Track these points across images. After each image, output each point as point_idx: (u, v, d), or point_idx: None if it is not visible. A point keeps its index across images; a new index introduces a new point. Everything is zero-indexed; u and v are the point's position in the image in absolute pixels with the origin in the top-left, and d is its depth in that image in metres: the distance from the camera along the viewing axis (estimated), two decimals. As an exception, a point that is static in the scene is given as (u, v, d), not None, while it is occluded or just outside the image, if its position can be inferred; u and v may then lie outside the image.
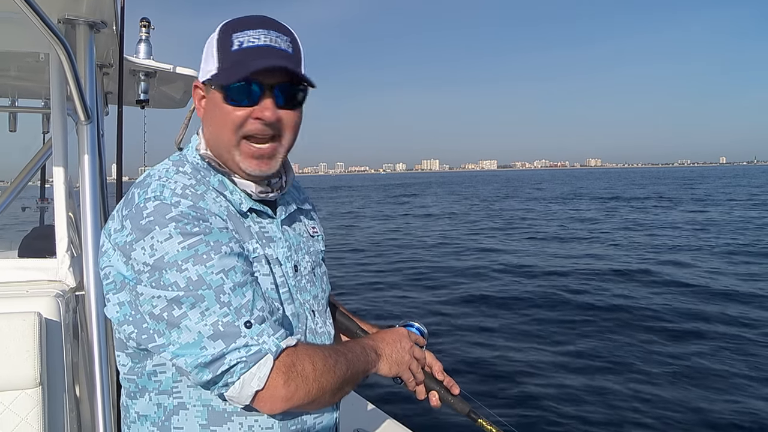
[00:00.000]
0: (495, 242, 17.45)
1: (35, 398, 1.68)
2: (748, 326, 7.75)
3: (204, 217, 1.05)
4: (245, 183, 1.19)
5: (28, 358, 1.67)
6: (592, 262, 12.99)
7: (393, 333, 1.31)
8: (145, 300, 1.02)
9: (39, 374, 1.68)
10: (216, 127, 1.17)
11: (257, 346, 1.01)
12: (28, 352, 1.67)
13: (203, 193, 1.11)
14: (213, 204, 1.11)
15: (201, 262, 1.00)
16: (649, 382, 5.99)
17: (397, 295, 10.54)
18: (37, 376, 1.68)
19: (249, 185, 1.19)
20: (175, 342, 1.00)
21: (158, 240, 1.00)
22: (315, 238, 1.39)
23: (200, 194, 1.10)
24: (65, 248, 2.08)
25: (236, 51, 1.11)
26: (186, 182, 1.11)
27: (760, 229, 19.20)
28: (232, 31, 1.13)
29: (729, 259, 13.30)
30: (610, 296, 9.87)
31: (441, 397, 1.35)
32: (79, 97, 1.94)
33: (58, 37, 1.65)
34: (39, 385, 1.69)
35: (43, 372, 1.70)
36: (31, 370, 1.67)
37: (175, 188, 1.08)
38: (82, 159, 2.06)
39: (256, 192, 1.19)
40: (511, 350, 7.02)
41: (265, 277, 1.14)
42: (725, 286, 10.19)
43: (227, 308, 1.00)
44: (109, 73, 2.92)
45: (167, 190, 1.07)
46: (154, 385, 1.12)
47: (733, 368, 6.20)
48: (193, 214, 1.04)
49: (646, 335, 7.49)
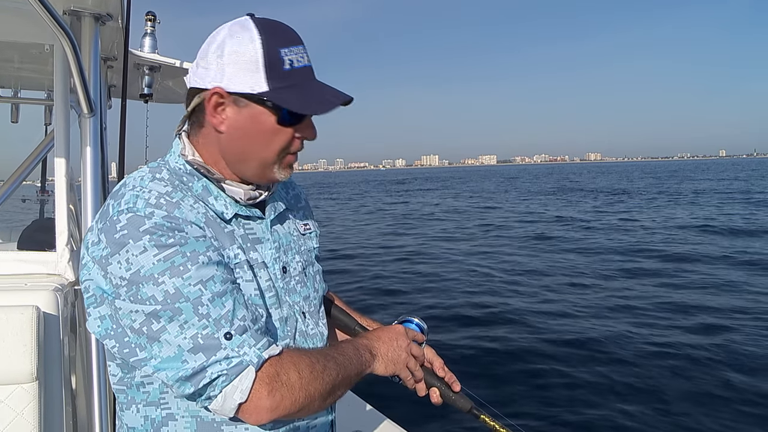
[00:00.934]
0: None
1: (32, 393, 1.67)
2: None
3: (179, 227, 1.02)
4: (234, 189, 1.17)
5: (25, 352, 1.65)
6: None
7: (389, 331, 1.29)
8: (125, 314, 1.00)
9: (36, 369, 1.67)
10: (251, 143, 1.13)
11: (238, 357, 0.99)
12: (25, 346, 1.65)
13: (179, 201, 1.07)
14: (189, 212, 1.07)
15: (177, 274, 0.98)
16: (647, 376, 5.97)
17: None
18: (34, 370, 1.66)
19: (238, 192, 1.17)
20: (157, 356, 0.99)
21: (133, 253, 0.98)
22: (307, 235, 1.36)
23: (175, 202, 1.06)
24: (65, 242, 2.06)
25: (289, 72, 1.10)
26: (161, 190, 1.07)
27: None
28: (276, 45, 1.10)
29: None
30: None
31: (442, 393, 1.33)
32: (83, 89, 1.92)
33: (64, 28, 1.64)
34: (35, 380, 1.68)
35: (40, 367, 1.68)
36: (28, 365, 1.65)
37: (149, 198, 1.04)
38: (84, 152, 2.05)
39: (244, 198, 1.17)
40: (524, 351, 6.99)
41: (247, 283, 1.12)
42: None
43: (206, 320, 0.99)
44: (113, 66, 2.91)
45: (141, 200, 1.04)
46: (142, 396, 1.10)
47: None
48: (168, 224, 1.01)
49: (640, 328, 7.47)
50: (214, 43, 1.12)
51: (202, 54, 1.14)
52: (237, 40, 1.09)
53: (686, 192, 37.23)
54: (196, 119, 1.18)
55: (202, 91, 1.13)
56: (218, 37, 1.12)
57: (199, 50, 1.17)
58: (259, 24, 1.11)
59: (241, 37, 1.09)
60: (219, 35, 1.12)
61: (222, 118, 1.12)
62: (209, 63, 1.11)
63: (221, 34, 1.12)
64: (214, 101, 1.11)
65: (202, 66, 1.13)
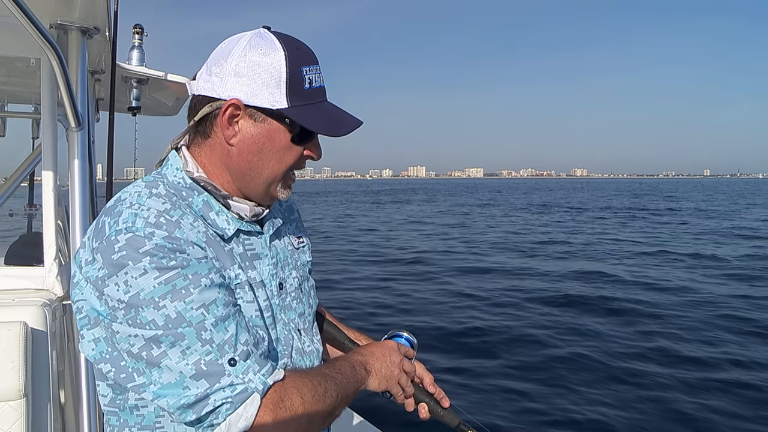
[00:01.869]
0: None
1: (19, 410, 1.65)
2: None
3: (181, 248, 0.98)
4: (240, 206, 1.14)
5: (12, 368, 1.63)
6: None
7: (382, 347, 1.28)
8: (122, 338, 0.96)
9: (24, 386, 1.65)
10: (262, 158, 1.11)
11: (243, 384, 0.96)
12: (12, 362, 1.63)
13: (179, 219, 1.03)
14: (190, 231, 1.03)
15: (179, 298, 0.95)
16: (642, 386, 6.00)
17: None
18: (22, 387, 1.64)
19: (244, 208, 1.14)
20: (156, 382, 0.95)
21: (132, 276, 0.94)
22: (301, 249, 1.34)
23: (176, 221, 1.02)
24: (53, 256, 2.04)
25: (308, 91, 1.09)
26: (160, 207, 1.02)
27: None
28: (299, 63, 1.08)
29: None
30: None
31: (430, 409, 1.33)
32: (70, 103, 1.91)
33: (50, 42, 1.63)
34: (23, 397, 1.66)
35: (27, 383, 1.66)
36: (16, 382, 1.63)
37: (149, 216, 1.00)
38: (72, 166, 2.04)
39: (249, 215, 1.15)
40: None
41: (248, 304, 1.09)
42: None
43: (209, 346, 0.95)
44: (101, 79, 2.90)
45: (140, 219, 0.99)
46: (136, 420, 1.06)
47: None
48: (169, 246, 0.97)
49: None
50: (234, 52, 1.08)
51: (216, 61, 1.10)
52: (260, 52, 1.07)
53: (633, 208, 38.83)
54: (202, 130, 1.13)
55: (213, 100, 1.09)
56: (238, 46, 1.08)
57: (211, 57, 1.12)
58: (281, 39, 1.09)
59: (265, 49, 1.07)
60: (239, 44, 1.08)
61: (235, 130, 1.09)
62: (225, 72, 1.07)
63: (241, 44, 1.08)
64: (230, 113, 1.07)
65: (216, 74, 1.09)
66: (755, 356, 6.97)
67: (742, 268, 13.55)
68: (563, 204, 45.53)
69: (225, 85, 1.07)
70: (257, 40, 1.08)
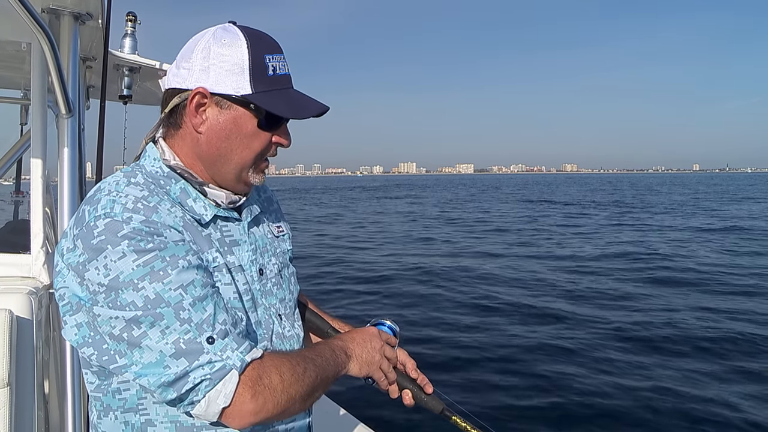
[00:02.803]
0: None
1: (3, 399, 1.63)
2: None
3: (158, 231, 1.01)
4: (216, 193, 1.17)
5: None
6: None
7: (363, 332, 1.30)
8: (103, 321, 0.98)
9: (8, 374, 1.63)
10: (230, 145, 1.14)
11: (221, 362, 0.99)
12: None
13: (156, 205, 1.06)
14: (167, 216, 1.06)
15: (158, 279, 0.97)
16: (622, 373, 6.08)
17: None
18: (6, 376, 1.62)
19: (220, 195, 1.17)
20: (137, 362, 0.98)
21: (111, 259, 0.97)
22: (281, 237, 1.36)
23: (153, 206, 1.05)
24: (40, 244, 2.02)
25: (272, 78, 1.13)
26: (137, 194, 1.06)
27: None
28: (262, 51, 1.12)
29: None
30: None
31: (414, 395, 1.34)
32: (61, 89, 1.89)
33: (42, 26, 1.61)
34: (7, 386, 1.64)
35: (12, 372, 1.64)
36: (0, 370, 1.61)
37: (126, 203, 1.03)
38: (61, 153, 2.02)
39: (226, 202, 1.18)
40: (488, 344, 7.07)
41: (226, 286, 1.12)
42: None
43: (188, 325, 0.98)
44: (92, 66, 2.87)
45: (118, 205, 1.02)
46: (119, 403, 1.09)
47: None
48: (147, 229, 1.00)
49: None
50: (198, 45, 1.13)
51: (183, 56, 1.15)
52: (223, 43, 1.11)
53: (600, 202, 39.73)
54: (173, 121, 1.17)
55: (182, 91, 1.13)
56: (203, 39, 1.13)
57: (180, 52, 1.17)
58: (244, 30, 1.13)
59: (228, 40, 1.11)
60: (204, 38, 1.13)
61: (203, 118, 1.13)
62: (192, 64, 1.12)
63: (206, 37, 1.13)
64: (196, 101, 1.11)
65: (183, 67, 1.13)
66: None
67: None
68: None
69: (191, 76, 1.12)
70: (221, 33, 1.12)
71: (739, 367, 6.34)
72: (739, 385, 5.84)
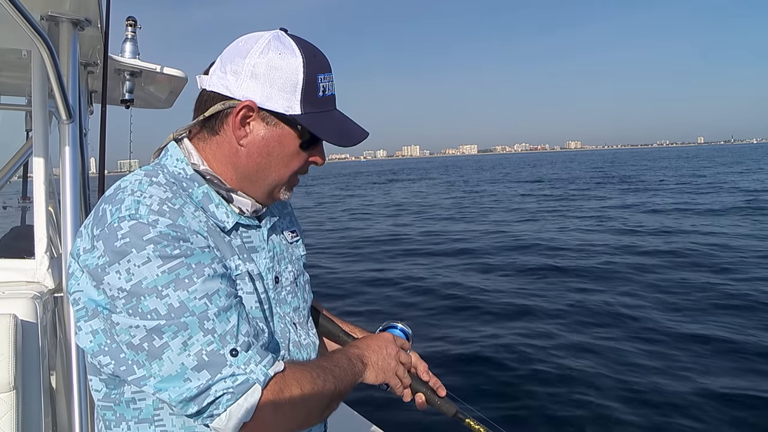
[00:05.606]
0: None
1: (9, 403, 1.65)
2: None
3: (184, 236, 0.98)
4: (243, 201, 1.15)
5: (2, 361, 1.63)
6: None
7: (378, 339, 1.28)
8: (122, 329, 0.94)
9: (13, 378, 1.65)
10: (271, 162, 1.12)
11: (244, 375, 0.96)
12: (2, 355, 1.63)
13: (181, 208, 1.02)
14: (192, 220, 1.02)
15: (183, 287, 0.94)
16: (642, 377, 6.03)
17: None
18: (12, 380, 1.64)
19: (246, 203, 1.15)
20: (156, 374, 0.94)
21: (135, 264, 0.93)
22: (294, 243, 1.34)
23: (178, 209, 1.01)
24: (44, 249, 2.04)
25: (321, 99, 1.11)
26: (162, 195, 1.01)
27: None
28: (316, 70, 1.09)
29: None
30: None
31: (427, 398, 1.33)
32: (61, 95, 1.91)
33: (41, 34, 1.62)
34: (13, 389, 1.66)
35: (18, 376, 1.66)
36: (6, 374, 1.63)
37: (152, 204, 0.99)
38: (63, 158, 2.03)
39: (251, 210, 1.16)
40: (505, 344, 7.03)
41: (248, 295, 1.09)
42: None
43: (211, 336, 0.95)
44: (94, 71, 2.89)
45: (143, 206, 0.98)
46: (133, 413, 1.05)
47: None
48: (173, 234, 0.96)
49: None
50: (251, 52, 1.07)
51: (231, 59, 1.09)
52: (279, 56, 1.07)
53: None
54: (210, 126, 1.13)
55: (226, 99, 1.09)
56: (256, 46, 1.08)
57: (226, 54, 1.11)
58: (299, 44, 1.09)
59: (284, 54, 1.07)
60: (257, 45, 1.08)
61: (246, 131, 1.10)
62: (241, 72, 1.07)
63: (260, 45, 1.08)
64: (243, 114, 1.08)
65: (231, 72, 1.08)
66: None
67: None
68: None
69: (240, 84, 1.07)
70: (276, 43, 1.08)
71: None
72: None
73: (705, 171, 46.17)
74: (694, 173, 43.40)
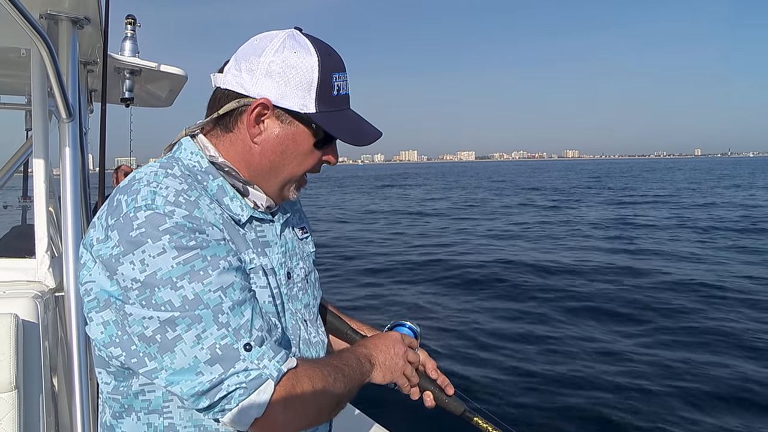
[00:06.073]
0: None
1: (10, 402, 1.64)
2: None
3: (200, 228, 0.97)
4: (259, 195, 1.15)
5: (3, 361, 1.63)
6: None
7: (386, 338, 1.28)
8: (135, 320, 0.94)
9: (15, 378, 1.64)
10: (285, 160, 1.13)
11: (257, 370, 0.95)
12: (3, 355, 1.63)
13: (197, 199, 1.02)
14: (208, 212, 1.02)
15: (198, 279, 0.93)
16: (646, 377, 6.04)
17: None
18: (13, 379, 1.64)
19: (262, 197, 1.15)
20: (168, 367, 0.94)
21: (150, 254, 0.92)
22: (304, 240, 1.34)
23: (194, 201, 1.01)
24: (45, 248, 2.04)
25: (335, 98, 1.11)
26: (178, 187, 1.01)
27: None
28: (330, 69, 1.10)
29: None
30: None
31: (435, 397, 1.33)
32: (61, 94, 1.90)
33: (39, 32, 1.61)
34: (15, 389, 1.65)
35: (19, 375, 1.66)
36: (7, 374, 1.63)
37: (168, 195, 0.98)
38: (63, 157, 2.03)
39: (265, 205, 1.16)
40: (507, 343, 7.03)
41: (262, 289, 1.09)
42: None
43: (225, 329, 0.94)
44: (94, 70, 2.88)
45: (159, 197, 0.97)
46: (142, 405, 1.05)
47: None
48: (189, 225, 0.96)
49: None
50: (266, 51, 1.08)
51: (246, 57, 1.10)
52: (294, 55, 1.07)
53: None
54: (224, 123, 1.13)
55: (241, 96, 1.09)
56: (271, 45, 1.08)
57: (241, 52, 1.12)
58: (314, 43, 1.10)
59: (299, 53, 1.08)
60: (272, 44, 1.08)
61: (260, 129, 1.10)
62: (256, 70, 1.08)
63: (275, 44, 1.08)
64: (258, 112, 1.08)
65: (246, 71, 1.09)
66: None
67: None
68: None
69: (255, 82, 1.08)
70: (291, 42, 1.09)
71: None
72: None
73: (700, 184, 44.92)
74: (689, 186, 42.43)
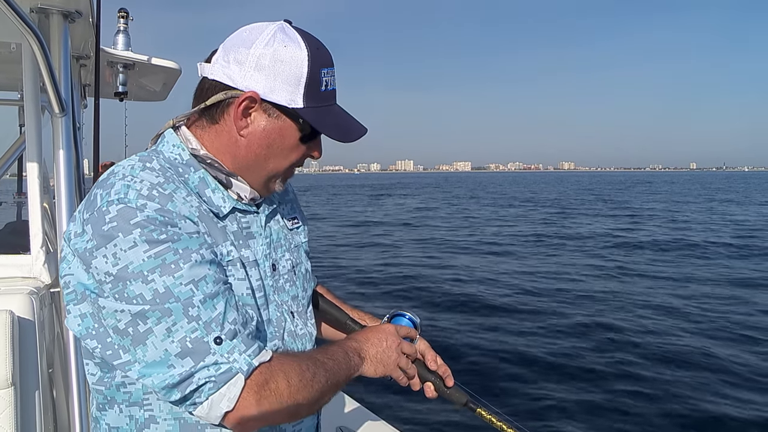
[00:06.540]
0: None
1: (7, 399, 1.64)
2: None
3: (172, 221, 0.97)
4: (242, 186, 1.14)
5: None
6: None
7: (378, 331, 1.26)
8: (108, 313, 0.95)
9: (11, 374, 1.64)
10: (270, 154, 1.12)
11: (227, 364, 0.95)
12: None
13: (172, 193, 1.01)
14: (183, 205, 1.01)
15: (168, 273, 0.94)
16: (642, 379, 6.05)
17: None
18: (9, 376, 1.63)
19: (245, 189, 1.15)
20: (141, 360, 0.94)
21: (122, 248, 0.93)
22: (295, 230, 1.33)
23: (168, 194, 1.00)
24: (40, 244, 2.03)
25: (323, 93, 1.11)
26: (153, 180, 1.01)
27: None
28: (319, 64, 1.09)
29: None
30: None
31: (436, 388, 1.32)
32: (53, 89, 1.89)
33: (30, 26, 1.60)
34: (11, 386, 1.65)
35: (15, 372, 1.65)
36: (3, 371, 1.62)
37: (141, 189, 0.98)
38: (56, 152, 2.01)
39: (248, 197, 1.15)
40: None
41: (240, 282, 1.08)
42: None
43: (196, 323, 0.94)
44: (87, 65, 2.86)
45: (132, 191, 0.97)
46: (124, 397, 1.06)
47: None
48: (161, 218, 0.96)
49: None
50: (255, 44, 1.07)
51: (235, 48, 1.08)
52: (284, 49, 1.06)
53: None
54: (210, 114, 1.12)
55: (229, 88, 1.08)
56: (261, 38, 1.07)
57: (229, 43, 1.10)
58: (304, 37, 1.09)
59: (289, 47, 1.07)
60: (262, 36, 1.07)
61: (247, 122, 1.09)
62: (245, 62, 1.07)
63: (264, 36, 1.07)
64: (245, 105, 1.08)
65: (234, 62, 1.08)
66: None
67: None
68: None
69: (244, 75, 1.07)
70: (281, 35, 1.08)
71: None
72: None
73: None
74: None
